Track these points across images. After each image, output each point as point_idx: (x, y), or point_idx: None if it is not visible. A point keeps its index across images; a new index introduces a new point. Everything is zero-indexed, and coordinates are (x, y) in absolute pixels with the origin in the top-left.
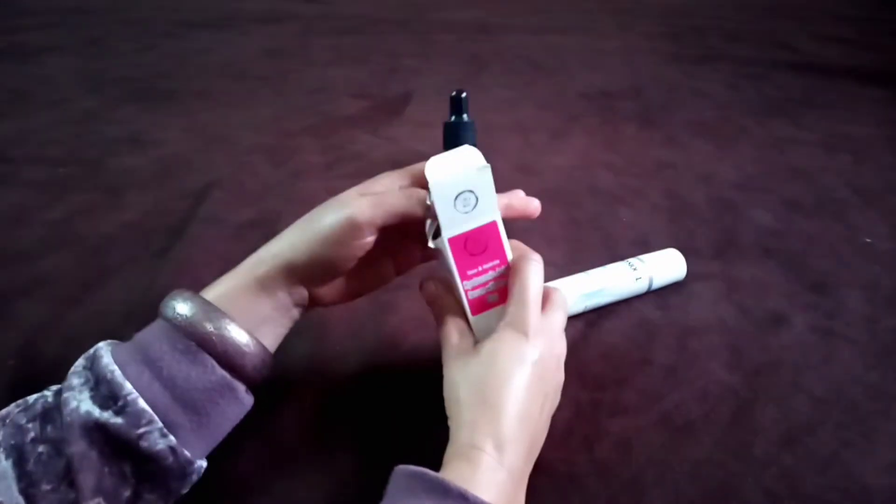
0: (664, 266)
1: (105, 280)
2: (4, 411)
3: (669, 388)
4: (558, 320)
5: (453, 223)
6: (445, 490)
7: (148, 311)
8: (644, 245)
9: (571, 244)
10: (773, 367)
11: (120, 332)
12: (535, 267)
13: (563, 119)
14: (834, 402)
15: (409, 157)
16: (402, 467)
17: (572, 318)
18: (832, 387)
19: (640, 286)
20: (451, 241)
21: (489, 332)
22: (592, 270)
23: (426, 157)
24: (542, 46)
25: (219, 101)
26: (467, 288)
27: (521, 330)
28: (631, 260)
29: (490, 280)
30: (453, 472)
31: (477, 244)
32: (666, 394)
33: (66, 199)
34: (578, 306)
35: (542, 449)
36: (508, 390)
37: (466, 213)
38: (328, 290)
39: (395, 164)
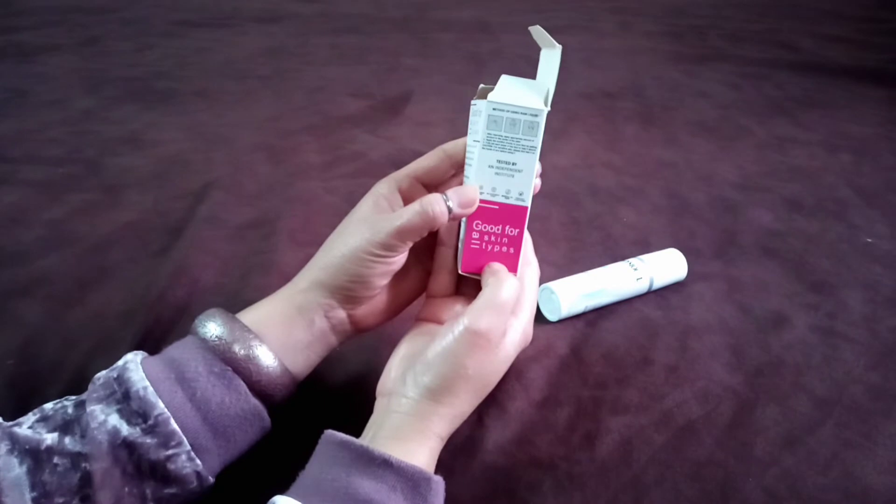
0: (665, 266)
1: (104, 280)
2: (21, 419)
3: (670, 388)
4: (524, 319)
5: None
6: (370, 457)
7: (147, 311)
8: (644, 245)
9: (572, 244)
10: (774, 366)
11: (119, 332)
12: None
13: (564, 118)
14: (835, 402)
15: (409, 156)
16: (330, 434)
17: (573, 318)
18: (833, 387)
19: (640, 286)
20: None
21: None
22: (593, 270)
23: None
24: None
25: (218, 101)
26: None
27: (470, 328)
28: (632, 260)
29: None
30: (413, 452)
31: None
32: (667, 393)
33: (65, 198)
34: (579, 306)
35: (543, 446)
36: (478, 384)
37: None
38: (368, 312)
39: (394, 163)
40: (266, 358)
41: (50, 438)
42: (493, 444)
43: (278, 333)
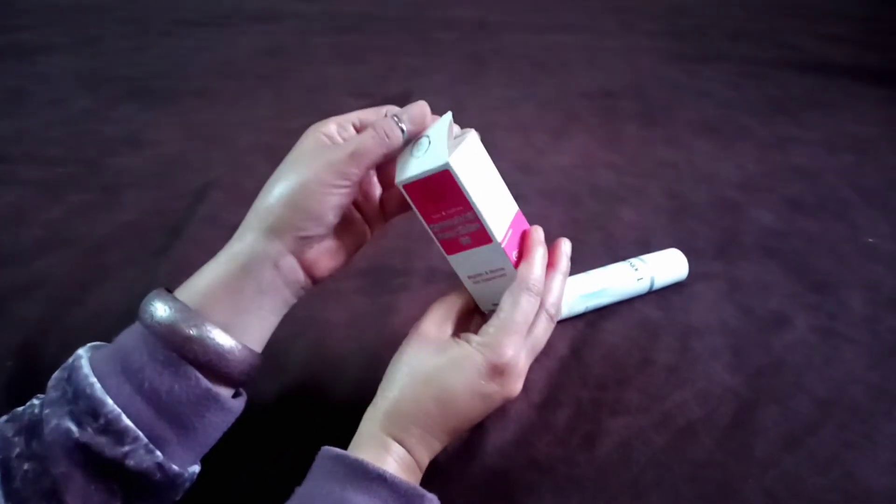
0: (666, 266)
1: (103, 280)
2: None
3: (671, 389)
4: (526, 362)
5: (406, 167)
6: (365, 472)
7: None
8: (645, 245)
9: (572, 244)
10: (774, 367)
11: (118, 332)
12: (529, 296)
13: (564, 118)
14: (836, 403)
15: None
16: (326, 449)
17: (573, 319)
18: (834, 387)
19: (641, 286)
20: (406, 187)
21: (465, 270)
22: (594, 271)
23: None
24: (543, 45)
25: (217, 100)
26: (435, 230)
27: (491, 360)
28: (632, 260)
29: (457, 225)
30: (371, 456)
31: (433, 191)
32: (667, 394)
33: (64, 198)
34: (579, 307)
35: (542, 448)
36: (450, 411)
37: (419, 157)
38: (318, 255)
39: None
40: (213, 335)
41: (17, 443)
42: (491, 446)
43: (224, 304)
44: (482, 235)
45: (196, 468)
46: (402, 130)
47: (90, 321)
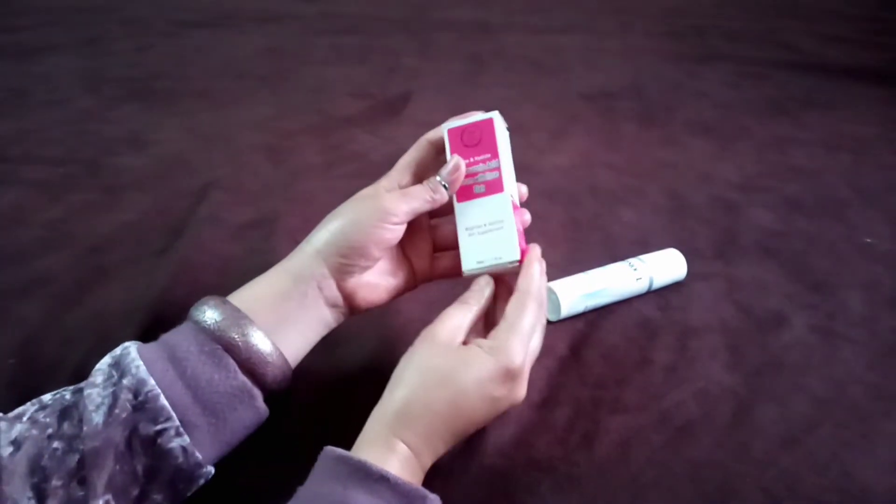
0: (665, 266)
1: (104, 280)
2: (20, 409)
3: (669, 388)
4: (528, 368)
5: (455, 119)
6: (368, 472)
7: (147, 310)
8: (644, 245)
9: (572, 244)
10: (773, 367)
11: (119, 332)
12: (534, 304)
13: (564, 119)
14: (834, 403)
15: None
16: (329, 449)
17: (573, 318)
18: (832, 387)
19: (640, 286)
20: (449, 131)
21: (467, 220)
22: (593, 270)
23: None
24: (543, 46)
25: (218, 101)
26: None
27: (503, 364)
28: (631, 260)
29: (479, 172)
30: (375, 456)
31: (472, 136)
32: (666, 393)
33: (65, 198)
34: (579, 306)
35: (542, 447)
36: (459, 413)
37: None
38: (357, 286)
39: (394, 163)
40: (256, 337)
41: (50, 424)
42: (491, 445)
43: (269, 309)
44: (497, 184)
45: (210, 470)
46: (445, 187)
47: (90, 321)
